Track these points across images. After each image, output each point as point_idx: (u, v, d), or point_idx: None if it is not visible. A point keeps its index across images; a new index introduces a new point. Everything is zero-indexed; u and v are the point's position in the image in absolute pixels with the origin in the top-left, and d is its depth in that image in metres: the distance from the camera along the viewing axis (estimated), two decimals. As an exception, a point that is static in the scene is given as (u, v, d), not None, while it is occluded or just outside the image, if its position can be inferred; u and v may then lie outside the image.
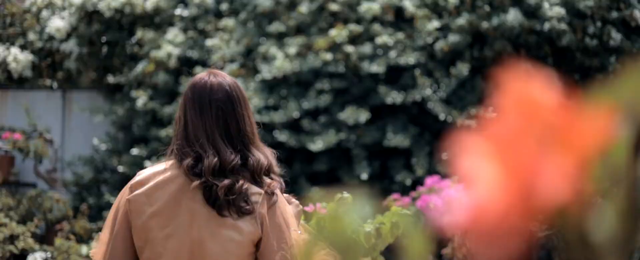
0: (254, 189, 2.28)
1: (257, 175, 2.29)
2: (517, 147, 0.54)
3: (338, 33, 7.25)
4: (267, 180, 2.31)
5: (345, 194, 2.77)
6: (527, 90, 0.54)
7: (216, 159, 2.26)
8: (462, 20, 7.25)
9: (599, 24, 7.36)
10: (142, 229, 2.26)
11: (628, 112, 0.66)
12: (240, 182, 2.24)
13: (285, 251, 2.25)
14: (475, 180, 0.55)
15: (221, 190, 2.23)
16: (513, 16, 7.13)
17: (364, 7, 7.38)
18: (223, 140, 2.29)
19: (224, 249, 2.23)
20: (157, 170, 2.31)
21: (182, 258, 2.24)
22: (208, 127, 2.30)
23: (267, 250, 2.25)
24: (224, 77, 2.40)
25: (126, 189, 2.31)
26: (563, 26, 7.16)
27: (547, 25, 7.23)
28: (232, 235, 2.23)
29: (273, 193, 2.29)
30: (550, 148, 0.54)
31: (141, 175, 2.31)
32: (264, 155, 2.33)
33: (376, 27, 7.36)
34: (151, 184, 2.28)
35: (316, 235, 0.67)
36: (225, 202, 2.23)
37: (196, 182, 2.24)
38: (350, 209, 0.66)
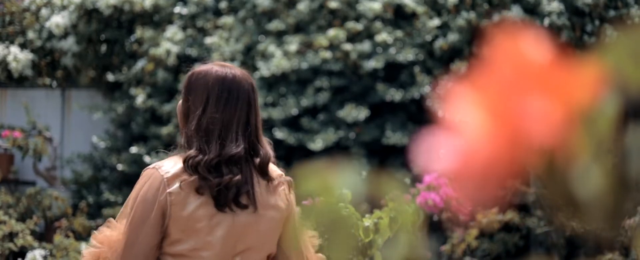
0: (276, 171, 2.37)
1: (265, 164, 2.33)
2: (506, 96, 0.55)
3: (337, 34, 7.25)
4: (273, 167, 2.37)
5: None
6: (517, 46, 0.55)
7: (217, 153, 2.27)
8: (461, 20, 7.26)
9: (597, 22, 7.38)
10: (188, 219, 2.26)
11: (614, 82, 0.66)
12: (237, 177, 2.29)
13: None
14: (465, 127, 0.56)
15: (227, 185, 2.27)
16: (515, 13, 7.13)
17: (365, 6, 7.39)
18: (237, 132, 2.31)
19: (268, 228, 2.32)
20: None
21: (229, 244, 2.29)
22: (226, 119, 2.31)
23: (289, 234, 2.37)
24: (238, 68, 2.42)
25: (157, 182, 2.27)
26: (563, 20, 7.17)
27: (546, 21, 7.23)
28: (269, 226, 2.33)
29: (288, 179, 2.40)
30: (539, 99, 0.55)
31: (169, 169, 2.28)
32: (267, 145, 2.39)
33: (377, 25, 7.36)
34: (193, 177, 2.26)
35: (306, 209, 0.68)
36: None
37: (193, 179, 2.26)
38: (339, 181, 0.67)
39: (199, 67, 2.39)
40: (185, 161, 2.26)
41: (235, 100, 2.33)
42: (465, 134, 0.56)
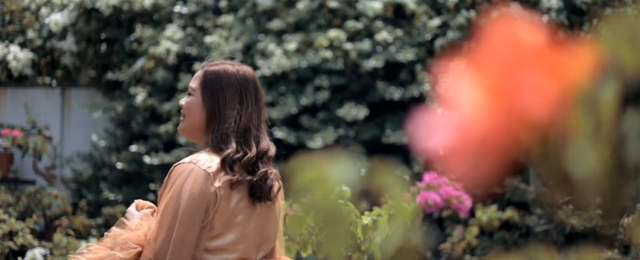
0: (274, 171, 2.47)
1: (274, 157, 2.47)
2: (503, 74, 0.55)
3: (338, 35, 7.25)
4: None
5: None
6: (515, 27, 0.55)
7: (255, 151, 2.38)
8: (461, 18, 7.26)
9: (595, 21, 7.38)
10: (231, 213, 2.34)
11: (611, 65, 0.66)
12: (273, 170, 2.44)
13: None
14: (461, 102, 0.56)
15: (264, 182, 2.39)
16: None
17: (365, 5, 7.39)
18: (264, 127, 2.45)
19: (275, 229, 2.47)
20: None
21: (257, 236, 2.40)
22: (258, 116, 2.43)
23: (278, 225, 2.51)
24: (242, 64, 2.56)
25: (202, 177, 2.30)
26: (562, 18, 7.17)
27: (545, 18, 7.24)
28: (276, 217, 2.47)
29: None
30: (535, 77, 0.55)
31: (210, 164, 2.33)
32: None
33: (377, 23, 7.37)
34: (230, 174, 2.34)
35: (302, 198, 0.68)
36: (269, 189, 2.41)
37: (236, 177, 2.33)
38: (335, 170, 0.67)
39: (211, 66, 2.47)
40: (224, 160, 2.32)
41: (261, 98, 2.46)
42: (463, 111, 0.56)
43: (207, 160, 2.33)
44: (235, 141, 2.35)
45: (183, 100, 2.49)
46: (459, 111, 0.57)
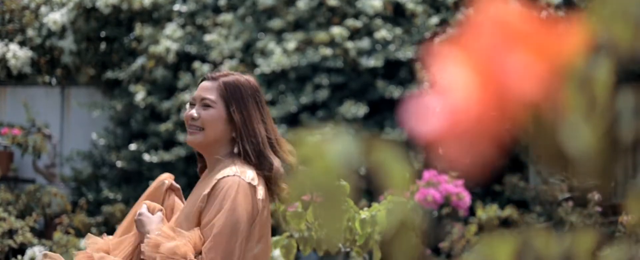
0: None
1: None
2: (493, 54, 0.56)
3: (340, 32, 7.25)
4: None
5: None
6: (503, 9, 0.55)
7: (279, 161, 2.48)
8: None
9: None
10: (265, 223, 2.44)
11: (604, 42, 0.67)
12: None
13: None
14: (452, 87, 0.56)
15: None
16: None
17: (365, 4, 7.39)
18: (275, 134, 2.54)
19: None
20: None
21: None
22: (271, 126, 2.51)
23: None
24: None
25: (249, 191, 2.38)
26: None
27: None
28: None
29: None
30: (526, 56, 0.56)
31: (251, 176, 2.40)
32: None
33: (376, 22, 7.37)
34: (266, 186, 2.46)
35: (300, 174, 0.68)
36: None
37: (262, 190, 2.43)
38: (335, 147, 0.67)
39: (223, 77, 2.51)
40: (271, 175, 2.42)
41: (266, 105, 2.55)
42: (454, 94, 0.56)
43: (248, 173, 2.39)
44: (271, 154, 2.43)
45: (198, 112, 2.48)
46: (450, 95, 0.57)
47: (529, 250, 0.77)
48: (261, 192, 2.39)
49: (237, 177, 2.35)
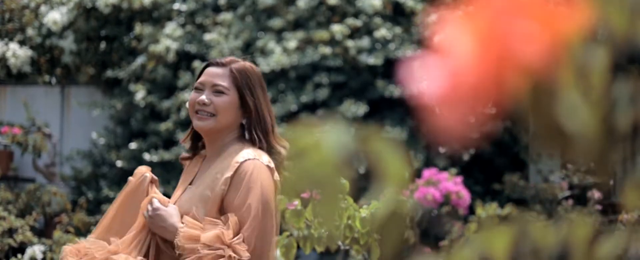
0: None
1: None
2: (494, 20, 0.56)
3: (340, 29, 7.25)
4: None
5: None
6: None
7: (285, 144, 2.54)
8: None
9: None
10: (277, 203, 2.52)
11: (603, 30, 0.67)
12: None
13: None
14: (454, 50, 0.56)
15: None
16: None
17: (364, 3, 7.39)
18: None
19: None
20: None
21: None
22: (272, 112, 2.57)
23: None
24: None
25: (270, 173, 2.43)
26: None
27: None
28: None
29: None
30: (527, 24, 0.56)
31: (267, 159, 2.46)
32: None
33: (376, 20, 7.37)
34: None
35: (296, 166, 0.68)
36: None
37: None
38: (330, 138, 0.67)
39: (233, 63, 2.56)
40: (273, 157, 2.46)
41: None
42: (455, 58, 0.56)
43: (263, 156, 2.45)
44: (274, 136, 2.50)
45: (208, 98, 2.50)
46: (451, 59, 0.57)
47: (525, 241, 0.77)
48: (276, 174, 2.45)
49: (257, 160, 2.40)
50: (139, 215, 2.52)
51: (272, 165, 2.44)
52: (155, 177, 2.66)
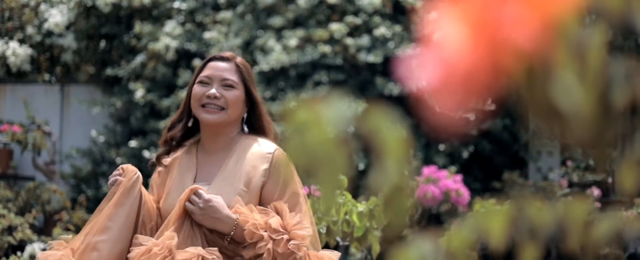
0: None
1: None
2: (485, 5, 0.56)
3: (338, 28, 7.26)
4: None
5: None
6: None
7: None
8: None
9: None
10: None
11: (598, 9, 0.67)
12: None
13: None
14: (445, 38, 0.57)
15: None
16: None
17: (364, 1, 7.40)
18: None
19: None
20: None
21: None
22: None
23: None
24: None
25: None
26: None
27: None
28: None
29: None
30: (517, 8, 0.56)
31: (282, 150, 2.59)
32: None
33: (375, 19, 7.38)
34: None
35: (295, 140, 0.68)
36: None
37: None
38: (329, 112, 0.67)
39: (235, 58, 2.62)
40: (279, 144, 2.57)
41: None
42: (448, 46, 0.57)
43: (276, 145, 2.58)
44: (274, 132, 2.60)
45: (221, 92, 2.55)
46: (444, 46, 0.57)
47: (522, 219, 0.78)
48: None
49: (279, 149, 2.53)
50: (175, 209, 2.45)
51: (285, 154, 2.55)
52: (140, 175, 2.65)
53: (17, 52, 8.45)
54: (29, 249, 6.56)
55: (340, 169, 0.68)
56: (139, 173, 2.59)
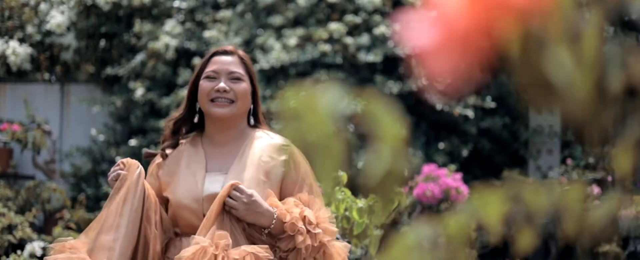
0: None
1: None
2: None
3: (338, 28, 7.26)
4: None
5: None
6: None
7: None
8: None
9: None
10: None
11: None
12: None
13: None
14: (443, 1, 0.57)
15: None
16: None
17: (364, 0, 7.40)
18: None
19: None
20: None
21: None
22: None
23: None
24: None
25: None
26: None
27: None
28: None
29: None
30: None
31: None
32: None
33: (375, 18, 7.38)
34: None
35: (291, 124, 0.69)
36: None
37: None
38: (325, 97, 0.67)
39: (237, 52, 2.64)
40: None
41: None
42: (445, 7, 0.57)
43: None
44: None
45: (229, 85, 2.57)
46: (441, 7, 0.57)
47: (519, 204, 0.78)
48: None
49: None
50: (214, 205, 2.41)
51: None
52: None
53: (17, 51, 8.45)
54: (29, 247, 6.56)
55: (338, 161, 0.68)
56: (141, 167, 2.57)
